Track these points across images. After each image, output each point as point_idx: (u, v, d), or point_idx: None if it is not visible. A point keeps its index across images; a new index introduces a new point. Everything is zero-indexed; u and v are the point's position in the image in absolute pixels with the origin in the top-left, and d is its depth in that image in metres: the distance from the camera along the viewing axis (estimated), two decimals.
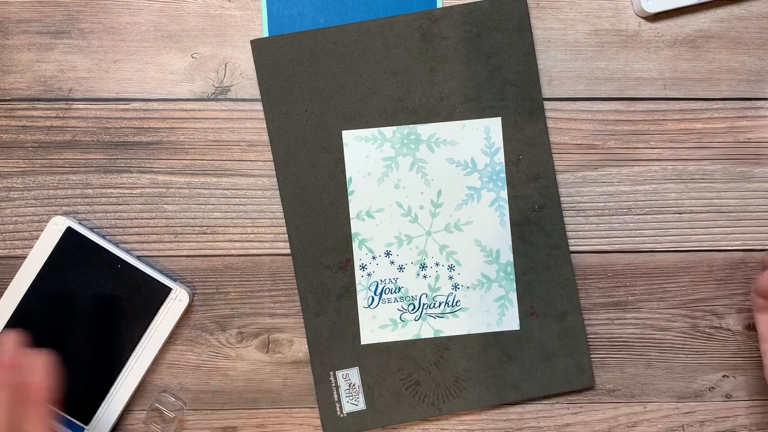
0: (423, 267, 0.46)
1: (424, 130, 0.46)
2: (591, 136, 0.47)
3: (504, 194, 0.46)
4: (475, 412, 0.48)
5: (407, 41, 0.46)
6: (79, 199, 0.47)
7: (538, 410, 0.48)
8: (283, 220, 0.47)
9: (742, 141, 0.48)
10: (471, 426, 0.48)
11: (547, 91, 0.47)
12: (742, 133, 0.48)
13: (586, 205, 0.48)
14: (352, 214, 0.46)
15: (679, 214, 0.48)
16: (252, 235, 0.47)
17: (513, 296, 0.46)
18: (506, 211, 0.46)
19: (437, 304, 0.46)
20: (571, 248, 0.47)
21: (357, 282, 0.46)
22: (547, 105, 0.47)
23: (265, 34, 0.46)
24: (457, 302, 0.46)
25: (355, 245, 0.46)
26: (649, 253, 0.48)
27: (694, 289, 0.48)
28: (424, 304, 0.46)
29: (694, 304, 0.48)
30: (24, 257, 0.46)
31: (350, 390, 0.46)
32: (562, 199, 0.47)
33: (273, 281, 0.47)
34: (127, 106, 0.47)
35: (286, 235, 0.47)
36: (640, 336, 0.48)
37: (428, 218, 0.46)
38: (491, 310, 0.46)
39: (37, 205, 0.47)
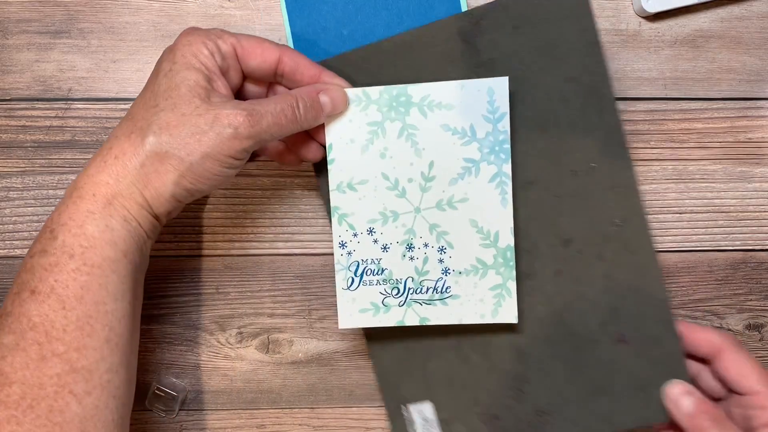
0: (410, 248, 0.41)
1: (416, 91, 0.40)
2: None
3: (507, 168, 0.40)
4: None
5: (448, 48, 0.42)
6: None
7: None
8: (283, 220, 0.47)
9: (743, 141, 0.48)
10: None
11: None
12: (743, 133, 0.48)
13: None
14: (332, 185, 0.41)
15: (680, 214, 0.48)
16: (252, 235, 0.47)
17: (512, 285, 0.41)
18: (508, 188, 0.40)
19: (424, 290, 0.41)
20: None
21: (335, 261, 0.42)
22: None
23: None
24: (447, 288, 0.41)
25: (334, 220, 0.41)
26: None
27: (695, 289, 0.48)
28: (409, 289, 0.41)
29: (695, 304, 0.48)
30: (23, 257, 0.46)
31: (426, 425, 0.43)
32: None
33: (273, 281, 0.47)
34: (126, 106, 0.47)
35: (286, 235, 0.47)
36: None
37: (418, 193, 0.41)
38: (486, 299, 0.41)
39: (37, 205, 0.46)
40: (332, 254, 0.47)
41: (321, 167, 0.43)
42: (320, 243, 0.47)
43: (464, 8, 0.45)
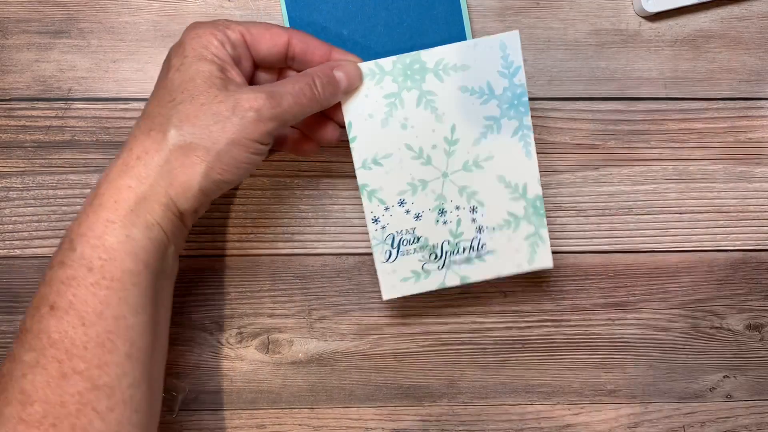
0: (442, 213, 0.42)
1: (430, 56, 0.40)
2: (591, 136, 0.47)
3: (528, 120, 0.41)
4: (475, 412, 0.48)
5: None
6: (78, 199, 0.47)
7: (538, 411, 0.48)
8: (283, 220, 0.47)
9: (743, 141, 0.48)
10: (471, 427, 0.48)
11: (547, 91, 0.47)
12: (743, 133, 0.48)
13: (587, 205, 0.47)
14: (357, 163, 0.41)
15: (680, 214, 0.48)
16: (252, 235, 0.47)
17: (544, 233, 0.42)
18: (531, 140, 0.41)
19: (461, 250, 0.42)
20: (572, 248, 0.47)
21: (371, 237, 0.42)
22: (547, 105, 0.47)
23: None
24: (482, 246, 0.42)
25: (364, 197, 0.41)
26: (649, 253, 0.48)
27: (695, 290, 0.48)
28: (447, 252, 0.42)
29: (695, 304, 0.48)
30: (23, 257, 0.46)
31: None
32: (562, 198, 0.47)
33: (273, 281, 0.47)
34: (126, 106, 0.47)
35: (286, 235, 0.47)
36: (641, 336, 0.48)
37: (443, 158, 0.41)
38: (521, 249, 0.42)
39: (37, 205, 0.46)
40: (332, 255, 0.47)
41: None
42: (320, 243, 0.47)
43: (464, 8, 0.45)
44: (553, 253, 0.48)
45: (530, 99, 0.47)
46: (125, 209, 0.34)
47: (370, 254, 0.47)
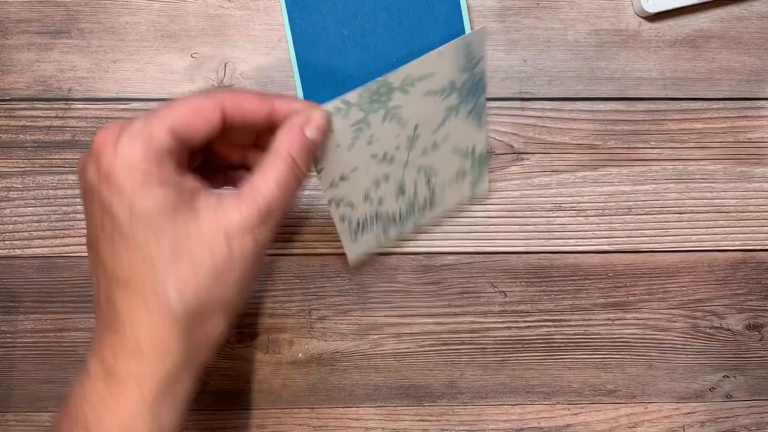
0: (402, 191, 0.43)
1: (396, 77, 0.37)
2: (591, 136, 0.47)
3: (482, 99, 0.42)
4: (475, 412, 0.48)
5: None
6: (78, 200, 0.47)
7: (538, 410, 0.48)
8: (283, 220, 0.47)
9: (743, 141, 0.48)
10: (471, 427, 0.48)
11: (547, 91, 0.47)
12: (743, 133, 0.48)
13: (587, 205, 0.48)
14: (324, 186, 0.40)
15: (680, 214, 0.48)
16: None
17: (484, 171, 0.46)
18: (483, 114, 0.42)
19: (417, 210, 0.46)
20: (572, 248, 0.47)
21: (339, 230, 0.43)
22: (547, 105, 0.47)
23: (292, 52, 0.46)
24: (435, 201, 0.46)
25: (332, 207, 0.41)
26: (649, 253, 0.48)
27: (695, 290, 0.48)
28: (405, 213, 0.45)
29: (695, 304, 0.48)
30: (23, 257, 0.46)
31: None
32: (562, 198, 0.47)
33: (273, 281, 0.47)
34: (126, 106, 0.47)
35: (286, 235, 0.47)
36: (641, 336, 0.48)
37: (405, 153, 0.41)
38: (465, 191, 0.46)
39: (37, 205, 0.46)
40: (332, 254, 0.47)
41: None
42: (320, 243, 0.47)
43: (464, 9, 0.45)
44: (553, 252, 0.48)
45: (530, 99, 0.47)
46: (152, 397, 0.31)
47: (370, 254, 0.47)
